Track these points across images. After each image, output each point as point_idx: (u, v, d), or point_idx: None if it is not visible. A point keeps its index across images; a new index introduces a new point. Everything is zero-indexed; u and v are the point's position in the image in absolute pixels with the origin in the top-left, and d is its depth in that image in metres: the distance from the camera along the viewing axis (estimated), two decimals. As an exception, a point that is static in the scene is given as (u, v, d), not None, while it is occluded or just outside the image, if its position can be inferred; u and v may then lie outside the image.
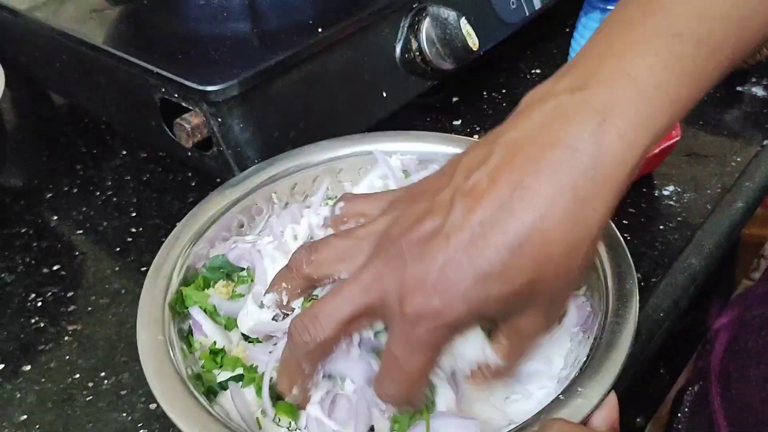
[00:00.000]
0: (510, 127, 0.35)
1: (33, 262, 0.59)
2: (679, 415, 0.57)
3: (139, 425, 0.46)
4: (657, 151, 0.59)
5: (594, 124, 0.33)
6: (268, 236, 0.48)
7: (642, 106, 0.33)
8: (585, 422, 0.34)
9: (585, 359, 0.36)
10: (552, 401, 0.34)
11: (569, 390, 0.34)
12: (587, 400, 0.34)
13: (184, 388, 0.38)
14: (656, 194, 0.61)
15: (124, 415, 0.47)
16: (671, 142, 0.60)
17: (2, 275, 0.58)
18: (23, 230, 0.63)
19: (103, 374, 0.49)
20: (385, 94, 0.62)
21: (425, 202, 0.35)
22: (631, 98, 0.33)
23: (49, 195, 0.67)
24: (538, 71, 0.78)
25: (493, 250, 0.32)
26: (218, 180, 0.54)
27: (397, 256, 0.34)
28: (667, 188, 0.62)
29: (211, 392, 0.41)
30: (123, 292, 0.56)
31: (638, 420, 0.56)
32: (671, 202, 0.60)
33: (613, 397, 0.35)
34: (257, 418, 0.39)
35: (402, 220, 0.36)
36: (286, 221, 0.48)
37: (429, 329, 0.33)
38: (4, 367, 0.50)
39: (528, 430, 0.33)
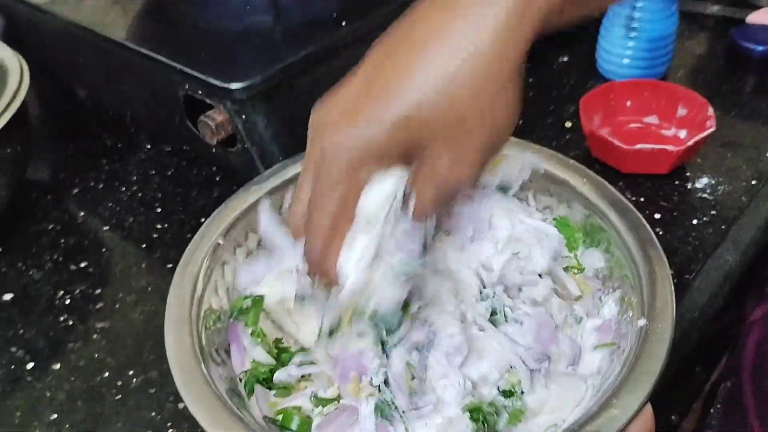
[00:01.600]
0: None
1: (61, 259, 0.59)
2: (712, 411, 0.56)
3: (169, 424, 0.46)
4: (691, 143, 0.58)
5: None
6: None
7: None
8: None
9: (620, 369, 0.35)
10: (586, 413, 0.34)
11: (604, 401, 0.34)
12: (623, 412, 0.33)
13: (211, 392, 0.37)
14: (689, 187, 0.60)
15: (153, 414, 0.47)
16: (706, 133, 0.58)
17: (30, 273, 0.58)
18: (51, 226, 0.63)
19: (131, 372, 0.50)
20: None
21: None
22: None
23: (75, 190, 0.67)
24: (565, 59, 0.77)
25: (382, 82, 0.34)
26: (243, 176, 0.53)
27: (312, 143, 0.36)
28: (700, 180, 0.60)
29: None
30: (150, 289, 0.56)
31: (673, 418, 0.55)
32: (705, 195, 0.59)
33: (648, 409, 0.34)
34: None
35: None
36: None
37: (339, 164, 0.34)
38: (33, 366, 0.51)
39: None
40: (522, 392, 0.39)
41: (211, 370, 0.39)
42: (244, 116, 0.52)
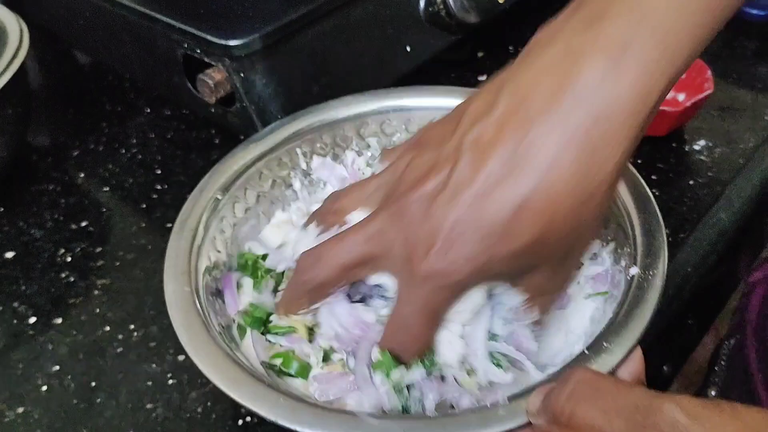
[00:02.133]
0: (517, 71, 0.33)
1: (61, 218, 0.60)
2: (716, 368, 0.56)
3: (169, 375, 0.47)
4: (688, 104, 0.58)
5: (607, 64, 0.30)
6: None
7: (660, 42, 0.30)
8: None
9: (612, 315, 0.36)
10: (577, 356, 0.34)
11: (595, 345, 0.34)
12: (613, 355, 0.33)
13: (210, 339, 0.38)
14: (686, 149, 0.60)
15: (154, 366, 0.47)
16: (703, 95, 0.58)
17: (32, 231, 0.59)
18: (51, 187, 0.63)
19: (132, 327, 0.50)
20: (408, 49, 0.61)
21: (430, 152, 0.35)
22: (647, 32, 0.30)
23: (75, 152, 0.67)
24: (565, 25, 0.76)
25: (497, 208, 0.31)
26: (242, 137, 0.53)
27: (403, 211, 0.34)
28: (698, 143, 0.61)
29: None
30: (149, 247, 0.56)
31: (665, 368, 0.56)
32: (702, 157, 0.59)
33: (638, 351, 0.35)
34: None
35: (408, 173, 0.35)
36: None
37: (434, 289, 0.33)
38: (36, 321, 0.51)
39: (551, 384, 0.33)
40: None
41: (210, 318, 0.40)
42: (242, 74, 0.52)
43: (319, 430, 0.32)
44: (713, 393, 0.54)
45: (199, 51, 0.54)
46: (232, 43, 0.51)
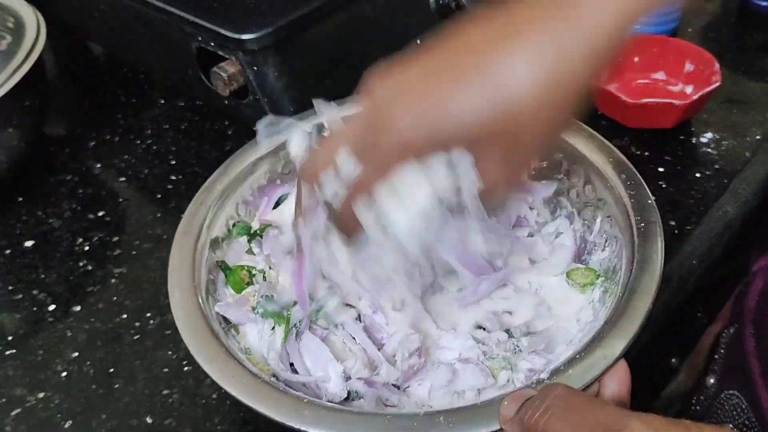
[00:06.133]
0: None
1: (79, 208, 0.61)
2: (716, 356, 0.57)
3: (184, 362, 0.48)
4: (696, 97, 0.58)
5: None
6: None
7: None
8: (599, 379, 0.35)
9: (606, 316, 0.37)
10: (573, 354, 0.35)
11: (592, 341, 0.35)
12: (609, 350, 0.34)
13: (214, 339, 0.40)
14: (693, 141, 0.61)
15: (170, 353, 0.49)
16: (711, 88, 0.59)
17: (50, 221, 0.60)
18: (68, 177, 0.65)
19: (148, 314, 0.52)
20: (419, 42, 0.62)
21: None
22: None
23: (91, 143, 0.69)
24: (575, 16, 0.77)
25: (467, 93, 0.32)
26: (254, 129, 0.54)
27: (375, 113, 0.35)
28: (705, 135, 0.61)
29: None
30: (165, 237, 0.57)
31: (673, 361, 0.56)
32: (709, 150, 0.60)
33: (623, 363, 0.35)
34: None
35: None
36: None
37: (399, 144, 0.34)
38: (55, 308, 0.53)
39: (526, 391, 0.33)
40: None
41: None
42: (255, 67, 0.53)
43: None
44: (712, 381, 0.54)
45: (213, 44, 0.54)
46: (246, 36, 0.51)
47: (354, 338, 0.41)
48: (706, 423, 0.27)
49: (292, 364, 0.42)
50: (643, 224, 0.40)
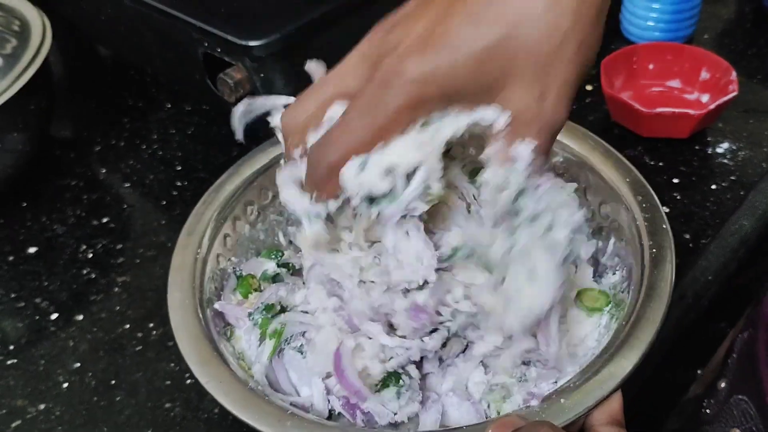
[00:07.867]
0: None
1: (83, 214, 0.61)
2: (728, 361, 0.56)
3: (186, 375, 0.47)
4: (713, 107, 0.57)
5: None
6: None
7: None
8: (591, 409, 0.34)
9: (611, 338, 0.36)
10: (577, 376, 0.34)
11: (587, 369, 0.34)
12: (605, 383, 0.34)
13: (215, 354, 0.40)
14: (709, 152, 0.59)
15: (172, 365, 0.48)
16: (728, 97, 0.57)
17: (55, 227, 0.60)
18: (74, 182, 0.64)
19: (151, 325, 0.51)
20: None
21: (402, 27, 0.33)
22: None
23: (97, 148, 0.68)
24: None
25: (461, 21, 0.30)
26: (261, 135, 0.54)
27: (381, 62, 0.31)
28: (721, 145, 0.60)
29: None
30: (169, 245, 0.56)
31: (699, 372, 0.55)
32: (725, 161, 0.58)
33: (617, 394, 0.34)
34: None
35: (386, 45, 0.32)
36: None
37: (398, 98, 0.31)
38: (58, 317, 0.52)
39: (514, 419, 0.32)
40: None
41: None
42: (262, 74, 0.52)
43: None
44: (723, 384, 0.53)
45: (219, 50, 0.54)
46: (252, 43, 0.51)
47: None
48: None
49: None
50: (655, 249, 0.39)
